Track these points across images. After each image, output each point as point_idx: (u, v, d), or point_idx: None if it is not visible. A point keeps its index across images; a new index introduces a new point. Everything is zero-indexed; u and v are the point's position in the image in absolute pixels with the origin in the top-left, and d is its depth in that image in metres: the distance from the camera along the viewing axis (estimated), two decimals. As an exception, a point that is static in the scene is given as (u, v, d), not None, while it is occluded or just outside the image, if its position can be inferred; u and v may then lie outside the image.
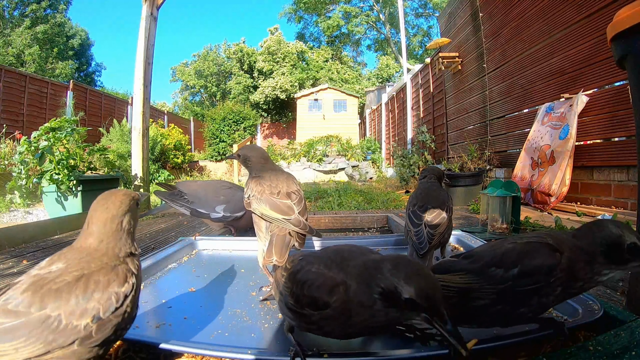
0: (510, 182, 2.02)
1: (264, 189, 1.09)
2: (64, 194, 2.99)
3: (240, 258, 1.45)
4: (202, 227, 2.52)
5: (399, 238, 1.55)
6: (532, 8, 3.74)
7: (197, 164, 12.32)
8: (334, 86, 17.14)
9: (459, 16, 5.72)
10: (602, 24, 2.76)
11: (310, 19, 24.76)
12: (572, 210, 2.83)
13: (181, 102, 24.11)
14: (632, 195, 2.59)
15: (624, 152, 2.67)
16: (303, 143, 13.03)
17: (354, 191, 6.05)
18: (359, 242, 1.56)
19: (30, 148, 2.97)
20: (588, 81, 2.98)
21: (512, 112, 4.27)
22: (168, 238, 2.19)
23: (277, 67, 19.44)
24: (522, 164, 3.53)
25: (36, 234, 2.26)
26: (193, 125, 15.77)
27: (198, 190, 1.77)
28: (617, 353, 0.61)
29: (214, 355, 0.69)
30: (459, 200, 4.05)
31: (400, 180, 7.25)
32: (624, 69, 0.95)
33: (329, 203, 4.68)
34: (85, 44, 22.19)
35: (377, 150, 12.37)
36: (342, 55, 23.77)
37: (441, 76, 6.64)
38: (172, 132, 10.86)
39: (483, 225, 2.18)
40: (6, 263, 1.68)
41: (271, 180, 1.12)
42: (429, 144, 6.94)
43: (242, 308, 0.94)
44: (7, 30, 17.80)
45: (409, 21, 23.24)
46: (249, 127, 14.39)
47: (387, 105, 11.66)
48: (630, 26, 0.84)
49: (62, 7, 19.95)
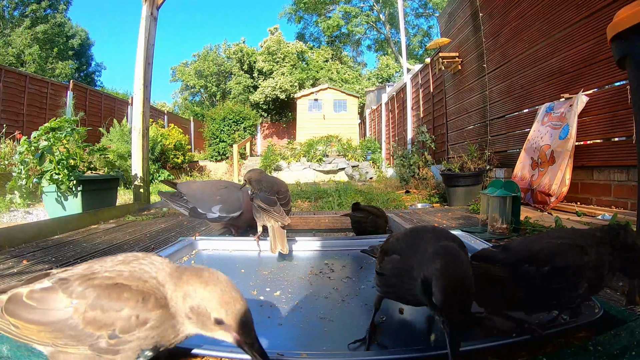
0: (510, 182, 2.02)
1: (261, 188, 1.51)
2: (64, 194, 2.99)
3: (240, 258, 1.45)
4: (202, 227, 2.52)
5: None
6: (532, 8, 3.74)
7: (197, 164, 12.32)
8: (334, 86, 17.14)
9: (459, 16, 5.72)
10: (602, 24, 2.76)
11: (310, 19, 24.79)
12: (572, 210, 2.83)
13: (181, 102, 24.10)
14: (632, 195, 2.59)
15: (624, 152, 2.67)
16: (303, 143, 13.03)
17: (354, 191, 6.05)
18: (359, 242, 1.56)
19: (30, 148, 2.97)
20: (588, 81, 2.98)
21: (512, 112, 4.27)
22: (168, 238, 2.19)
23: (277, 67, 19.43)
24: (522, 164, 3.53)
25: (36, 234, 2.26)
26: (193, 125, 15.77)
27: (196, 190, 1.78)
28: (617, 353, 0.61)
29: (214, 355, 0.69)
30: (459, 200, 4.05)
31: (400, 180, 7.25)
32: (624, 69, 0.95)
33: (329, 203, 4.68)
34: (85, 44, 22.19)
35: (377, 150, 12.37)
36: (342, 55, 23.77)
37: (441, 76, 6.64)
38: (172, 132, 10.86)
39: (483, 225, 2.18)
40: (6, 263, 1.68)
41: (267, 183, 1.54)
42: (429, 144, 6.94)
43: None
44: (7, 30, 17.80)
45: (409, 21, 23.26)
46: (249, 127, 14.40)
47: (387, 105, 11.66)
48: (630, 26, 0.84)
49: (62, 7, 19.96)
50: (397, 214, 2.91)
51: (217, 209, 1.69)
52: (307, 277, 1.18)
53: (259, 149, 17.99)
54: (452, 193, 4.17)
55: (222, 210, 1.69)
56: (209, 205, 1.70)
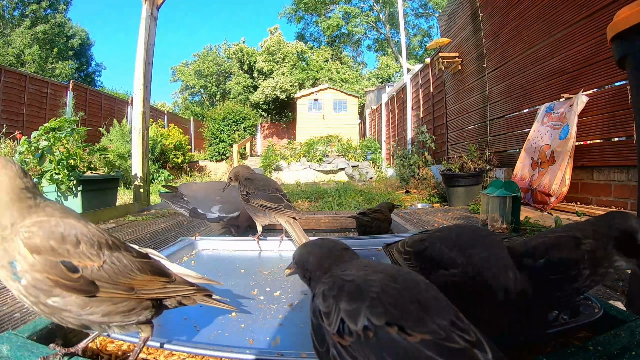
0: (510, 182, 2.02)
1: (257, 187, 1.46)
2: (64, 194, 2.99)
3: (240, 258, 1.45)
4: (202, 227, 2.52)
5: (399, 239, 1.55)
6: (532, 8, 3.74)
7: (197, 164, 12.32)
8: (334, 86, 17.13)
9: (459, 16, 5.72)
10: (602, 24, 2.76)
11: (310, 19, 24.78)
12: (572, 210, 2.83)
13: (181, 102, 24.10)
14: (632, 195, 2.59)
15: (624, 152, 2.67)
16: (303, 143, 13.03)
17: (354, 191, 6.05)
18: (359, 241, 1.56)
19: (30, 148, 2.97)
20: (588, 81, 2.98)
21: (512, 112, 4.27)
22: (168, 238, 2.19)
23: (277, 67, 19.43)
24: (522, 164, 3.53)
25: (36, 234, 2.25)
26: (193, 125, 15.77)
27: (196, 192, 1.80)
28: (617, 353, 0.61)
29: (214, 355, 0.69)
30: (459, 200, 4.05)
31: (400, 180, 7.25)
32: (624, 69, 0.95)
33: (329, 203, 4.69)
34: (85, 44, 22.18)
35: (377, 150, 12.37)
36: (342, 55, 23.76)
37: (441, 76, 6.64)
38: (172, 132, 10.86)
39: (483, 225, 2.18)
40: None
41: (262, 182, 1.51)
42: (429, 144, 6.94)
43: (243, 308, 0.94)
44: (7, 30, 17.80)
45: (409, 21, 23.26)
46: (249, 127, 14.41)
47: (387, 105, 11.66)
48: (630, 26, 0.84)
49: (62, 7, 19.94)
50: (397, 213, 2.91)
51: (216, 209, 1.70)
52: (307, 277, 1.18)
53: (259, 149, 17.99)
54: (452, 193, 4.17)
55: (222, 211, 1.70)
56: (209, 206, 1.71)
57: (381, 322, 0.42)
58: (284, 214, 1.38)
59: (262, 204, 1.41)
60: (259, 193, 1.45)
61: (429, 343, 0.40)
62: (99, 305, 0.59)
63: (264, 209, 1.42)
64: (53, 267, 0.55)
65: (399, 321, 0.42)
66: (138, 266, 0.65)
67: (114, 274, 0.61)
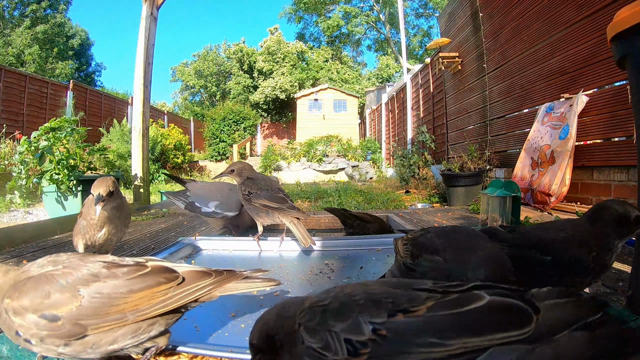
0: (510, 182, 2.02)
1: (260, 187, 1.45)
2: (64, 194, 2.99)
3: (240, 258, 1.45)
4: (202, 227, 2.52)
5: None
6: (532, 8, 3.74)
7: (197, 164, 12.32)
8: (334, 86, 17.14)
9: (459, 16, 5.72)
10: (602, 24, 2.76)
11: (310, 19, 24.78)
12: (572, 210, 2.83)
13: (181, 102, 24.09)
14: (632, 195, 2.59)
15: (624, 152, 2.67)
16: (303, 143, 13.03)
17: (354, 191, 6.05)
18: (359, 241, 1.56)
19: (30, 148, 2.97)
20: (588, 81, 2.98)
21: (512, 112, 4.27)
22: (168, 238, 2.19)
23: (277, 67, 19.43)
24: (522, 164, 3.53)
25: (36, 234, 2.26)
26: (193, 125, 15.77)
27: (200, 188, 1.83)
28: (617, 353, 0.60)
29: (214, 355, 0.70)
30: (459, 200, 4.05)
31: (400, 180, 7.25)
32: (624, 69, 0.95)
33: (329, 203, 4.68)
34: (85, 44, 22.17)
35: (377, 150, 12.37)
36: (342, 55, 23.76)
37: (441, 76, 6.64)
38: (172, 132, 10.85)
39: (483, 225, 2.18)
40: (6, 263, 1.68)
41: (264, 182, 1.49)
42: (429, 144, 6.94)
43: (242, 308, 0.94)
44: (7, 30, 17.80)
45: (409, 21, 23.25)
46: (249, 127, 14.41)
47: (387, 105, 11.66)
48: (630, 26, 0.84)
49: (62, 7, 19.94)
50: (397, 214, 2.91)
51: (213, 204, 1.70)
52: (307, 277, 1.18)
53: (259, 149, 17.99)
54: (452, 193, 4.17)
55: (218, 207, 1.70)
56: (207, 201, 1.72)
57: (384, 317, 0.42)
58: (288, 214, 1.38)
59: (265, 204, 1.40)
60: (261, 193, 1.43)
61: (435, 307, 0.43)
62: (102, 338, 0.60)
63: (267, 209, 1.40)
64: (37, 323, 0.58)
65: (398, 307, 0.43)
66: (129, 288, 0.62)
67: (99, 307, 0.60)
